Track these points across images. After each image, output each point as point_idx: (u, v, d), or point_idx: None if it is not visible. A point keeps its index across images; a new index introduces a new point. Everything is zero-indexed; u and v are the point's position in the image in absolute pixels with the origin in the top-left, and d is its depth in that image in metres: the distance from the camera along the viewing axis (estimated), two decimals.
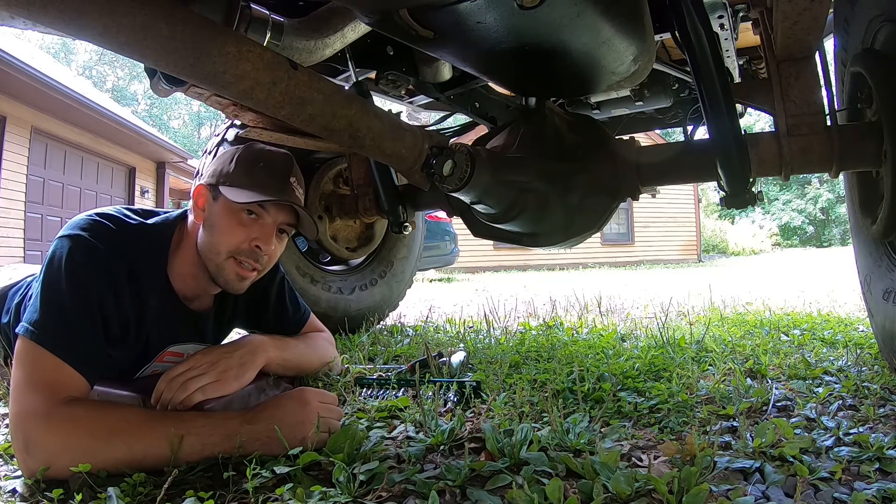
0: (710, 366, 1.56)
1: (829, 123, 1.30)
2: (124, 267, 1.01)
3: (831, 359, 1.61)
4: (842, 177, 1.55)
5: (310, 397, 1.00)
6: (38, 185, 7.60)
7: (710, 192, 21.84)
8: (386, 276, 2.59)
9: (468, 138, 1.80)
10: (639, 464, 0.91)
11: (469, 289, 6.52)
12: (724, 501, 0.74)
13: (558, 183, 1.37)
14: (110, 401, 1.03)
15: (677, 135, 4.83)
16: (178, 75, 0.92)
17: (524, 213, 1.34)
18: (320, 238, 2.26)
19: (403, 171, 1.31)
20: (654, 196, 1.65)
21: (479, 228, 1.54)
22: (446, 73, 1.79)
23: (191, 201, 1.14)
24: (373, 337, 2.26)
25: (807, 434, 0.99)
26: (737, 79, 2.00)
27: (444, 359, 1.55)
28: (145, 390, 1.05)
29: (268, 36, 1.30)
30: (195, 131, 35.67)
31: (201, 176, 1.13)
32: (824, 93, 1.32)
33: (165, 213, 1.18)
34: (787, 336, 2.04)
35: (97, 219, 1.02)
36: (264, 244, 1.11)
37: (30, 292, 1.12)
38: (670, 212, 16.06)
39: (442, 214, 6.15)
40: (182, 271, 1.13)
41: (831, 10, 1.45)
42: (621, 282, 6.94)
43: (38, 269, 1.09)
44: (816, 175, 22.40)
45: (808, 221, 28.92)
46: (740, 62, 2.13)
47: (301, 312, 1.44)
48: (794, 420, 1.07)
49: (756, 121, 21.77)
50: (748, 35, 1.85)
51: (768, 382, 1.36)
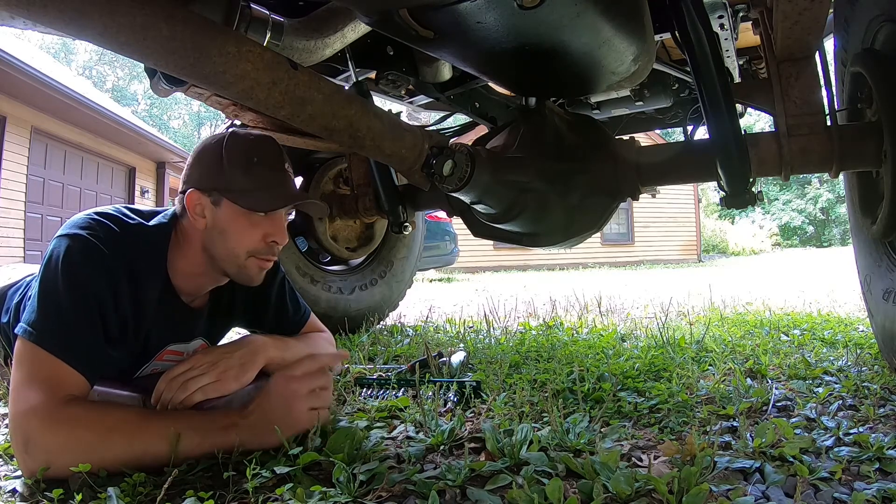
0: (710, 366, 1.56)
1: (829, 123, 1.30)
2: (123, 266, 1.01)
3: (831, 359, 1.61)
4: (842, 177, 1.55)
5: (293, 384, 0.99)
6: (38, 185, 7.60)
7: (710, 192, 21.83)
8: (386, 276, 2.59)
9: (468, 138, 1.80)
10: (639, 464, 0.91)
11: (469, 289, 6.52)
12: (724, 501, 0.74)
13: (558, 183, 1.37)
14: (110, 400, 1.03)
15: (677, 135, 4.83)
16: (178, 75, 0.92)
17: (524, 213, 1.34)
18: (320, 238, 2.26)
19: (403, 171, 1.31)
20: (654, 196, 1.65)
21: (479, 228, 1.54)
22: (446, 73, 1.79)
23: (178, 202, 1.12)
24: (373, 337, 2.26)
25: (807, 434, 0.99)
26: (737, 79, 2.01)
27: (444, 359, 1.55)
28: (145, 390, 1.05)
29: (268, 36, 1.30)
30: (195, 131, 35.66)
31: (188, 178, 1.10)
32: (824, 93, 1.32)
33: (164, 211, 1.17)
34: (787, 336, 2.04)
35: (96, 218, 1.02)
36: (281, 238, 1.13)
37: (30, 292, 1.12)
38: (670, 212, 16.06)
39: (442, 214, 6.14)
40: (185, 271, 1.13)
41: (831, 10, 1.45)
42: (621, 282, 6.94)
43: (37, 269, 1.08)
44: (816, 175, 22.39)
45: (808, 221, 28.91)
46: (740, 62, 2.13)
47: (301, 312, 1.44)
48: (794, 420, 1.07)
49: (756, 121, 21.76)
50: (748, 35, 1.85)
51: (768, 382, 1.36)
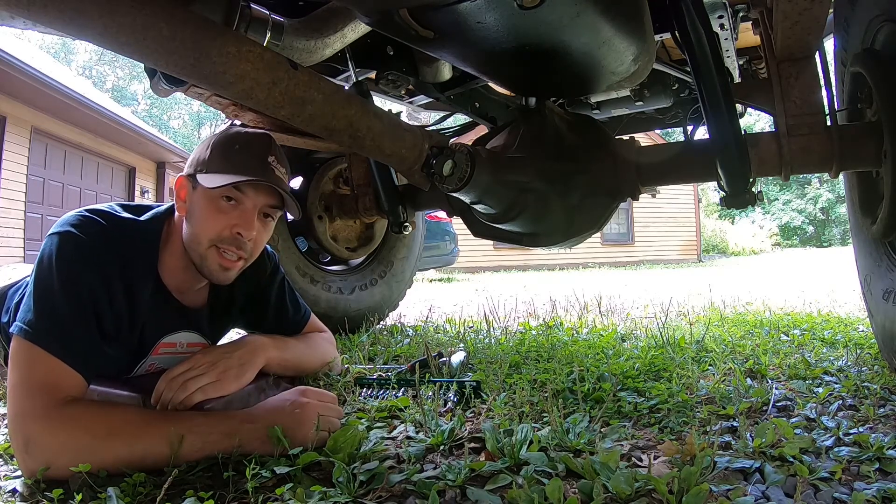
0: (710, 366, 1.56)
1: (829, 123, 1.30)
2: (115, 262, 1.00)
3: (831, 359, 1.61)
4: (842, 177, 1.55)
5: (309, 396, 1.00)
6: (38, 185, 7.61)
7: (710, 192, 21.84)
8: (386, 276, 2.59)
9: (468, 138, 1.80)
10: (639, 464, 0.91)
11: (469, 289, 6.52)
12: (724, 501, 0.74)
13: (558, 183, 1.37)
14: (110, 401, 1.03)
15: (677, 135, 4.83)
16: (178, 75, 0.92)
17: (524, 213, 1.34)
18: (320, 238, 2.26)
19: (403, 171, 1.31)
20: (654, 196, 1.65)
21: (479, 228, 1.54)
22: (446, 73, 1.79)
23: (174, 194, 1.12)
24: (373, 337, 2.26)
25: (807, 434, 0.99)
26: (737, 79, 2.01)
27: (444, 359, 1.55)
28: (145, 390, 1.05)
29: (268, 36, 1.30)
30: (195, 131, 35.65)
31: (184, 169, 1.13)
32: (824, 93, 1.32)
33: (157, 206, 1.17)
34: (787, 336, 2.04)
35: (87, 215, 1.01)
36: (245, 230, 1.07)
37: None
38: (670, 212, 16.06)
39: (442, 214, 6.14)
40: (171, 265, 1.12)
41: (831, 10, 1.45)
42: (621, 282, 6.93)
43: None
44: (816, 175, 22.40)
45: (808, 221, 28.91)
46: (740, 62, 2.13)
47: (301, 313, 1.44)
48: (794, 420, 1.07)
49: (756, 121, 21.76)
50: (748, 35, 1.85)
51: (768, 382, 1.36)
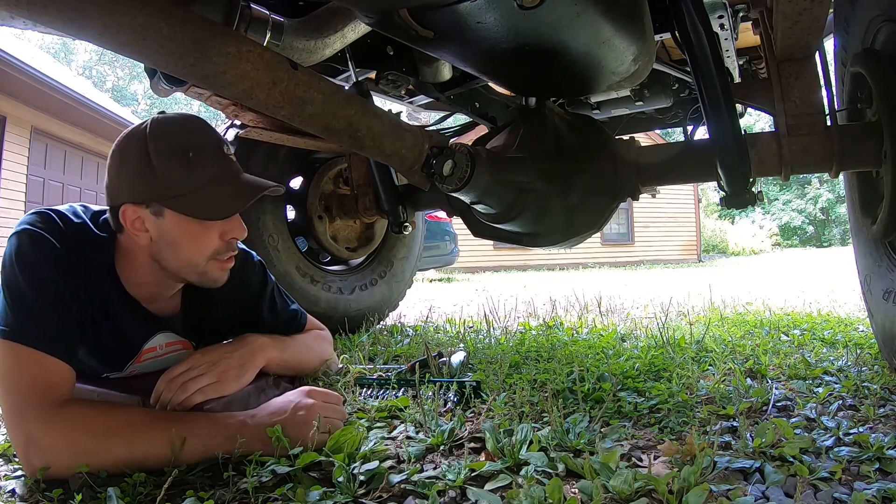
0: (710, 366, 1.56)
1: (829, 123, 1.30)
2: (70, 256, 0.98)
3: (831, 359, 1.61)
4: (842, 177, 1.55)
5: (314, 397, 1.00)
6: (38, 185, 7.62)
7: (710, 192, 21.83)
8: (386, 276, 2.59)
9: (468, 138, 1.80)
10: (639, 464, 0.91)
11: (469, 289, 6.52)
12: (724, 501, 0.74)
13: (558, 183, 1.37)
14: (111, 401, 1.02)
15: (677, 135, 4.83)
16: (178, 75, 0.92)
17: (524, 213, 1.34)
18: (320, 238, 2.26)
19: (403, 171, 1.31)
20: (654, 196, 1.65)
21: (479, 228, 1.55)
22: (446, 73, 1.79)
23: (112, 219, 1.03)
24: (373, 337, 2.26)
25: (807, 434, 0.99)
26: (737, 79, 2.01)
27: (444, 359, 1.55)
28: (144, 391, 1.05)
29: (268, 36, 1.30)
30: None
31: (116, 192, 1.01)
32: (824, 93, 1.32)
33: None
34: (787, 336, 2.04)
35: (42, 212, 1.01)
36: (239, 233, 1.08)
37: None
38: (670, 212, 16.06)
39: (442, 214, 6.14)
40: (135, 281, 1.08)
41: (831, 10, 1.45)
42: (621, 282, 6.93)
43: None
44: (816, 175, 22.40)
45: (808, 221, 28.91)
46: (740, 62, 2.13)
47: (298, 318, 1.41)
48: (794, 420, 1.07)
49: (756, 121, 21.77)
50: (748, 35, 1.85)
51: (768, 382, 1.36)
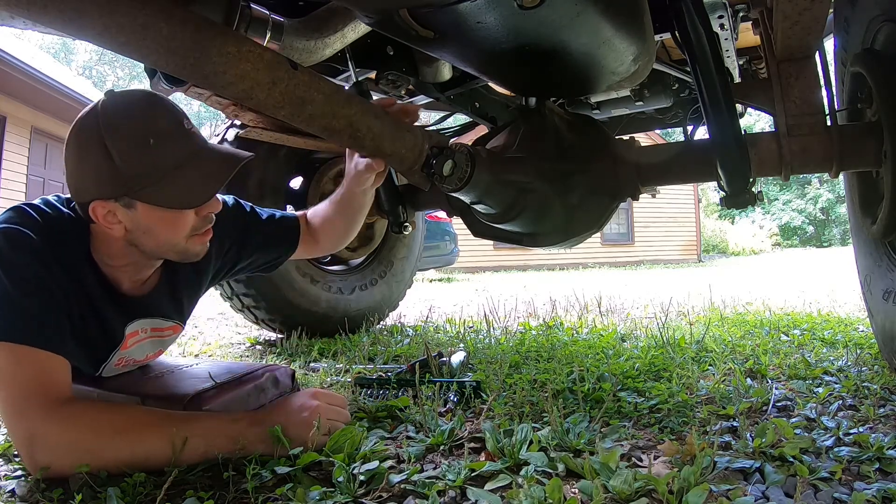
0: (710, 366, 1.56)
1: (829, 123, 1.30)
2: (49, 249, 0.97)
3: (831, 359, 1.61)
4: (842, 177, 1.55)
5: (318, 399, 0.99)
6: (38, 185, 7.63)
7: (710, 192, 21.83)
8: (386, 276, 2.59)
9: (468, 138, 1.80)
10: (639, 464, 0.91)
11: (469, 289, 6.52)
12: (724, 501, 0.74)
13: (558, 183, 1.37)
14: (111, 401, 1.02)
15: (677, 135, 4.83)
16: (178, 75, 0.92)
17: (524, 213, 1.34)
18: None
19: (403, 171, 1.31)
20: (654, 196, 1.65)
21: (479, 228, 1.54)
22: (446, 73, 1.79)
23: (81, 213, 1.00)
24: (373, 337, 2.26)
25: (807, 434, 0.99)
26: (737, 79, 2.01)
27: (444, 359, 1.55)
28: (145, 392, 1.05)
29: (268, 36, 1.30)
30: None
31: (81, 190, 0.97)
32: (824, 93, 1.32)
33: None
34: (787, 336, 2.04)
35: (16, 207, 1.00)
36: (214, 208, 1.06)
37: None
38: (670, 212, 16.06)
39: (442, 214, 6.15)
40: (113, 265, 1.06)
41: (831, 10, 1.45)
42: (621, 282, 6.93)
43: None
44: (816, 175, 22.39)
45: (808, 221, 28.90)
46: (740, 62, 2.13)
47: (285, 217, 1.37)
48: (794, 420, 1.07)
49: (756, 121, 21.76)
50: (748, 35, 1.85)
51: (768, 382, 1.36)
